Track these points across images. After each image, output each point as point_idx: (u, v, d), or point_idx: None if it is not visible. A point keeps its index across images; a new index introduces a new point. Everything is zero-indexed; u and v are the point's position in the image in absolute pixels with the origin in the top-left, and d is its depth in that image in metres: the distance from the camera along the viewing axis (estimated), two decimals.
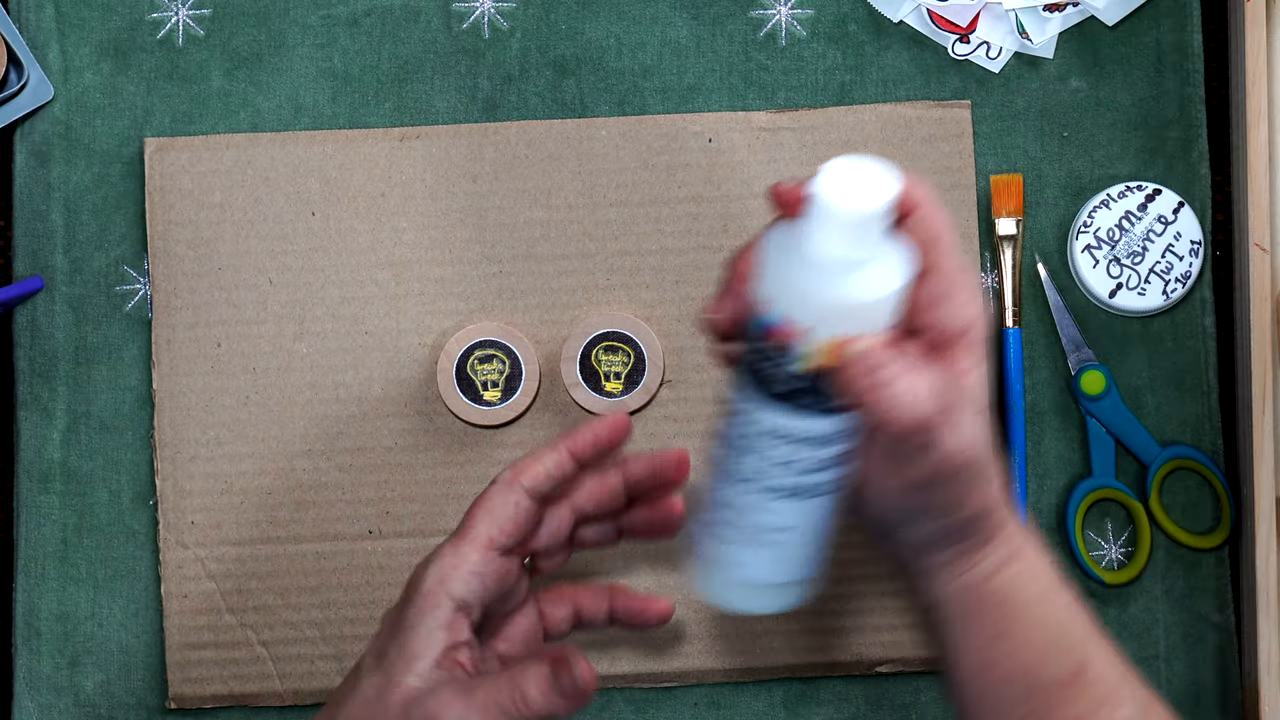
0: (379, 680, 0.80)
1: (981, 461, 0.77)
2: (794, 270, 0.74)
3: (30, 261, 1.00)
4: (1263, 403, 0.95)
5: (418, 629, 0.80)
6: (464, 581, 0.81)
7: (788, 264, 0.74)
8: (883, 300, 0.74)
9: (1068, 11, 1.01)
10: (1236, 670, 0.99)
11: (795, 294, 0.74)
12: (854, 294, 0.73)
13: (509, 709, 0.80)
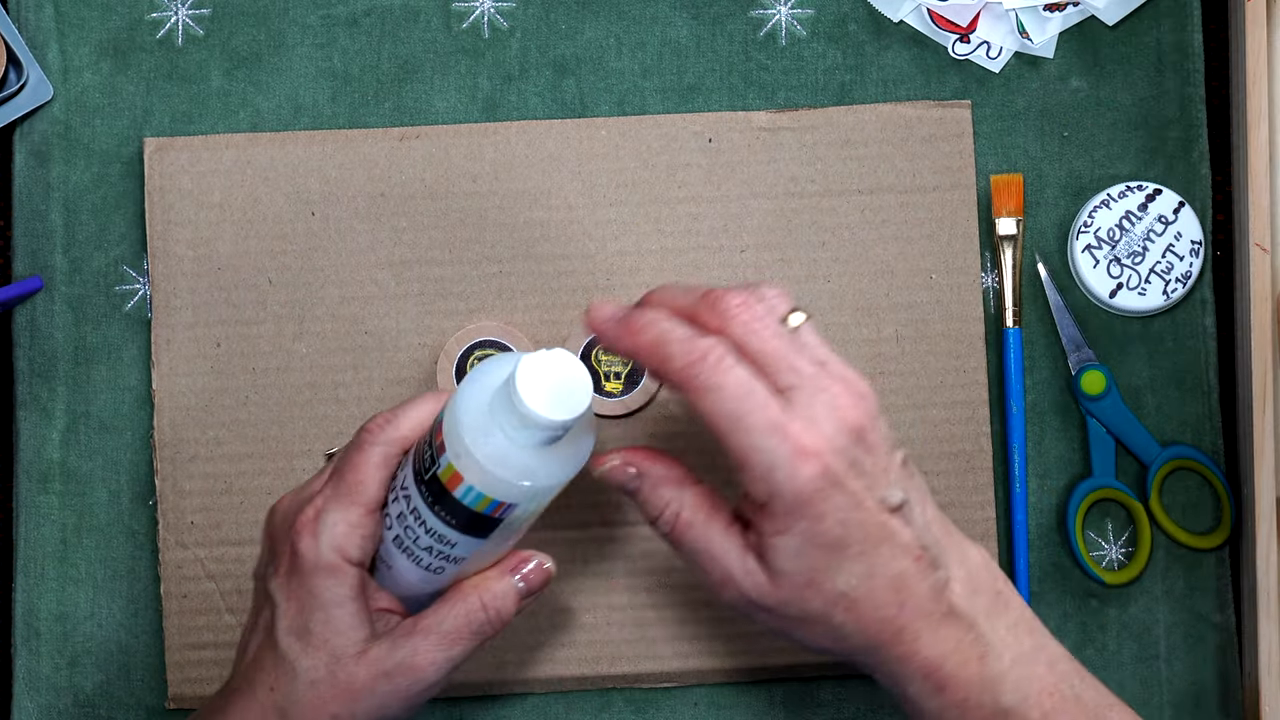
0: (324, 659, 0.80)
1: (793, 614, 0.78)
2: (480, 398, 0.78)
3: (30, 261, 1.00)
4: (1263, 403, 0.95)
5: (334, 603, 0.80)
6: (360, 547, 0.81)
7: (483, 387, 0.78)
8: (508, 482, 0.78)
9: (1068, 11, 1.01)
10: (1237, 670, 0.99)
11: (466, 417, 0.78)
12: (493, 463, 0.78)
13: (485, 628, 0.81)
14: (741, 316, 0.77)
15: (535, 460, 0.78)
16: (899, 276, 0.99)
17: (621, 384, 0.98)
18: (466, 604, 0.82)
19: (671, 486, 0.80)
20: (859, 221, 0.99)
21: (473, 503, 0.79)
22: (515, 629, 0.98)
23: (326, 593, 0.81)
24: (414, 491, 0.81)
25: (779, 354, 0.76)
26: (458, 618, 0.82)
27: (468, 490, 0.79)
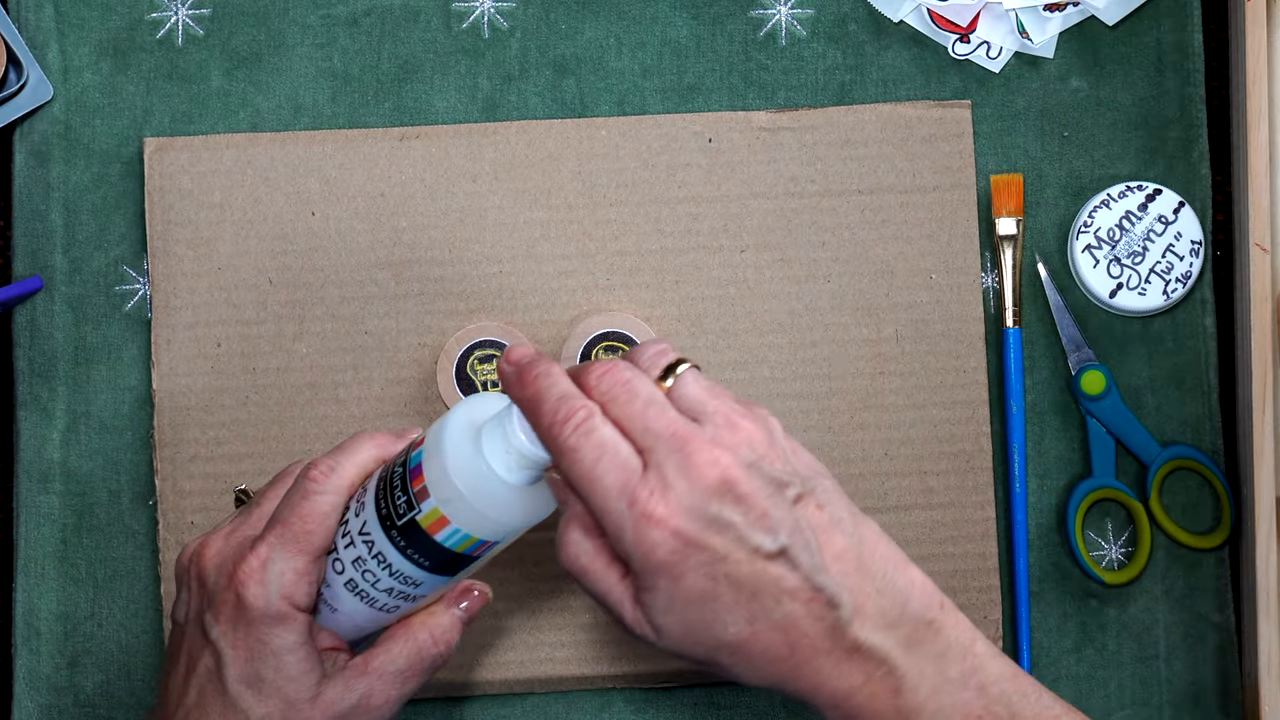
0: (278, 706, 0.80)
1: (687, 659, 0.77)
2: (464, 441, 0.78)
3: (30, 261, 1.00)
4: (1263, 403, 0.95)
5: (286, 650, 0.80)
6: (308, 594, 0.81)
7: (463, 431, 0.78)
8: (502, 523, 0.79)
9: (1068, 11, 1.01)
10: (1236, 670, 0.99)
11: (455, 462, 0.77)
12: (489, 505, 0.78)
13: (434, 656, 0.82)
14: (602, 385, 0.76)
15: (527, 498, 0.78)
16: (899, 276, 0.99)
17: None
18: (417, 641, 0.82)
19: (579, 530, 0.77)
20: (859, 221, 0.99)
21: (455, 544, 0.79)
22: (515, 629, 0.98)
23: (277, 640, 0.80)
24: (379, 537, 0.80)
25: (633, 418, 0.75)
26: (410, 655, 0.82)
27: (453, 533, 0.79)
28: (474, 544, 0.79)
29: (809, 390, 0.99)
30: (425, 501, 0.78)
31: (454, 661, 0.97)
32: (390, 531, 0.80)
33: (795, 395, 0.99)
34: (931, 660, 0.76)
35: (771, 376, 0.99)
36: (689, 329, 0.99)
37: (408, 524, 0.79)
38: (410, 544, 0.79)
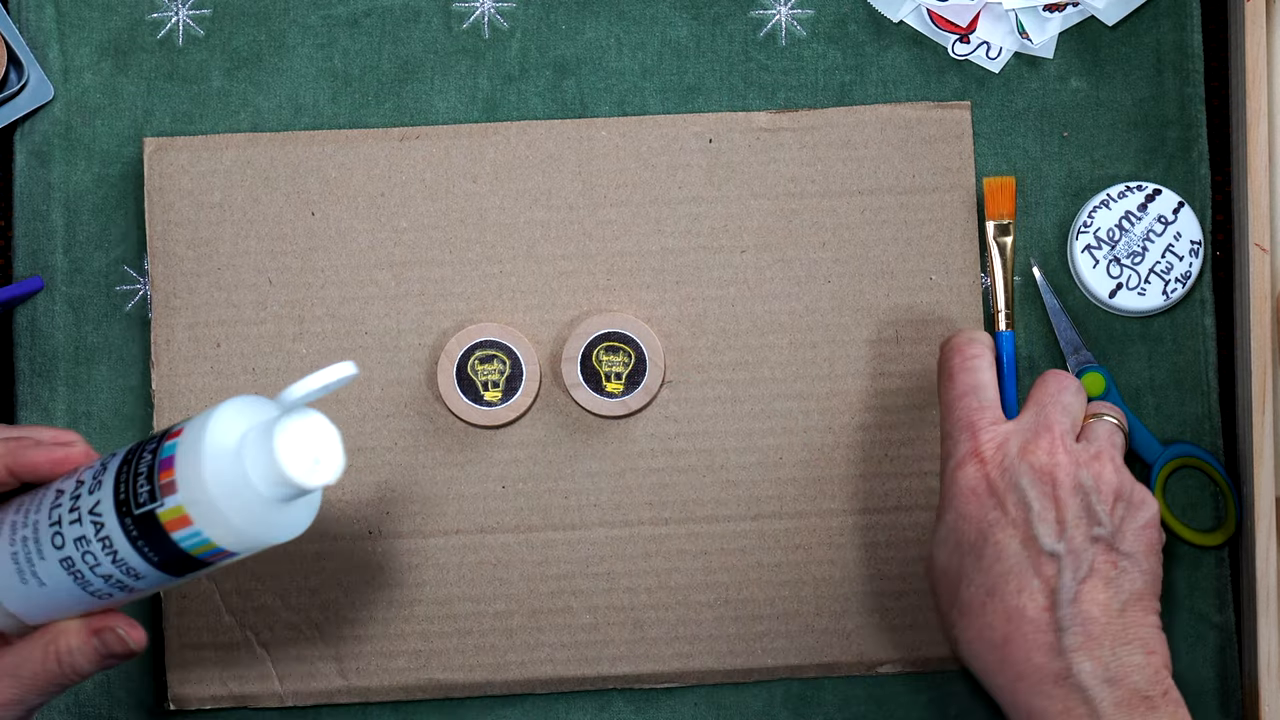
0: None
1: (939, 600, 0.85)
2: (225, 447, 0.75)
3: (30, 261, 1.00)
4: (1263, 403, 0.95)
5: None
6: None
7: (226, 435, 0.75)
8: (250, 536, 0.76)
9: (1068, 11, 1.01)
10: (1236, 670, 0.99)
11: (211, 464, 0.74)
12: (240, 516, 0.75)
13: (59, 678, 0.80)
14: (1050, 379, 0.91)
15: (281, 514, 0.76)
16: (899, 277, 0.99)
17: (622, 385, 0.98)
18: (45, 655, 0.80)
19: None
20: (859, 222, 1.00)
21: (193, 546, 0.76)
22: (516, 629, 0.98)
23: None
24: (110, 521, 0.76)
25: (1042, 393, 0.88)
26: (35, 665, 0.80)
27: (193, 535, 0.75)
28: (212, 550, 0.76)
29: (809, 390, 0.99)
30: (170, 496, 0.75)
31: (455, 663, 0.98)
32: (124, 519, 0.76)
33: (795, 395, 0.99)
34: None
35: (771, 377, 0.99)
36: (689, 329, 0.99)
37: (145, 515, 0.76)
38: (143, 536, 0.76)
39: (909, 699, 0.99)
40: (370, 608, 0.98)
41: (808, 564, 0.98)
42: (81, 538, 0.77)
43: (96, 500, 0.77)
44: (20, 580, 0.79)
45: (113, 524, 0.76)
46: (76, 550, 0.77)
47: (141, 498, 0.76)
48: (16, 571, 0.79)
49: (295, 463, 0.74)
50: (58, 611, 0.80)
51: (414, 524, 0.98)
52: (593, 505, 0.98)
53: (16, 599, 0.80)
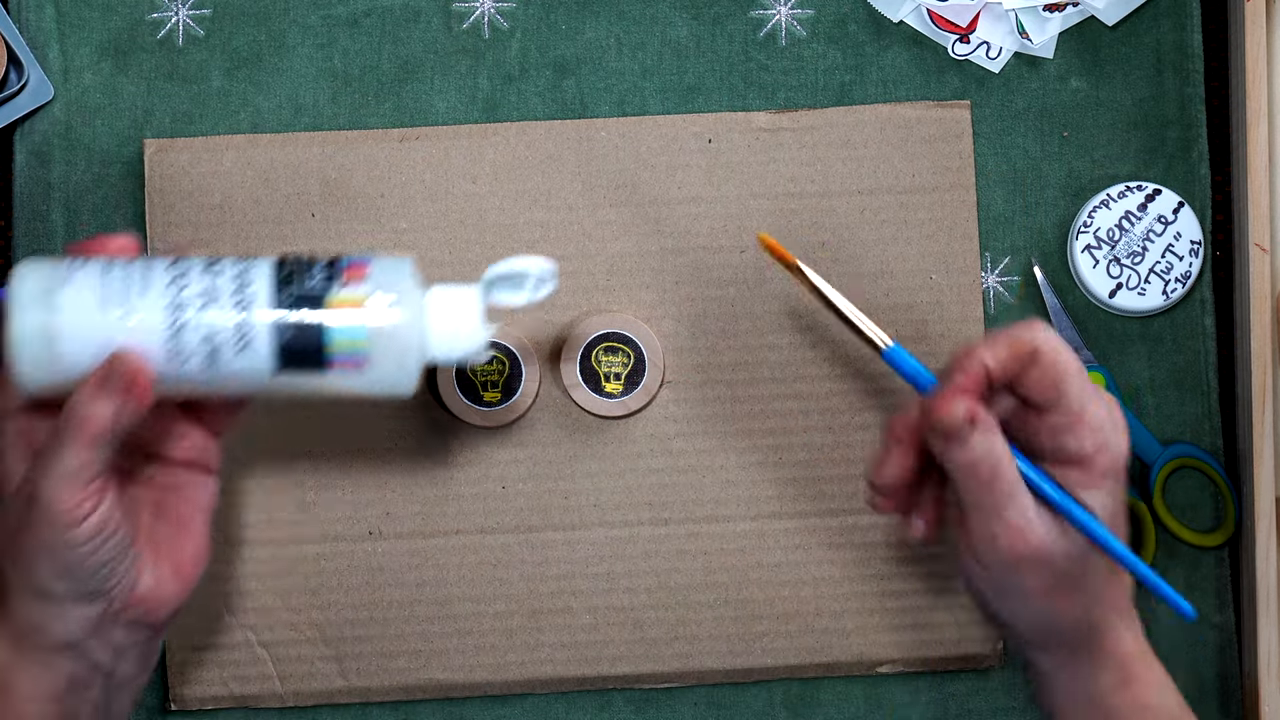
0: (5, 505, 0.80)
1: (1060, 566, 0.81)
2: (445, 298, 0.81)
3: None
4: (1262, 402, 0.95)
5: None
6: (6, 395, 0.80)
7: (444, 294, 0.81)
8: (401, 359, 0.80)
9: (1068, 11, 1.01)
10: (1237, 670, 0.99)
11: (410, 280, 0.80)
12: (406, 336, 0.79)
13: (77, 434, 0.78)
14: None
15: (409, 369, 0.80)
16: (899, 277, 0.99)
17: (622, 385, 0.98)
18: (65, 415, 0.78)
19: (995, 434, 0.81)
20: (859, 221, 1.00)
21: (342, 336, 0.78)
22: (516, 629, 0.98)
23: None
24: (262, 284, 0.78)
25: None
26: (52, 429, 0.79)
27: (353, 329, 0.79)
28: (351, 350, 0.79)
29: (809, 390, 0.99)
30: (355, 284, 0.79)
31: (455, 663, 0.98)
32: (284, 290, 0.79)
33: (795, 395, 0.99)
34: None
35: (771, 377, 0.99)
36: (689, 329, 0.99)
37: (308, 296, 0.78)
38: (296, 306, 0.78)
39: (908, 699, 0.99)
40: (370, 608, 0.98)
41: (808, 564, 0.99)
42: (208, 290, 0.79)
43: (244, 266, 0.79)
44: (104, 312, 0.78)
45: (263, 289, 0.79)
46: (199, 301, 0.78)
47: (316, 275, 0.79)
48: (104, 304, 0.78)
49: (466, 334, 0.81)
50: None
51: (414, 524, 0.98)
52: (592, 505, 0.98)
53: (102, 343, 0.79)
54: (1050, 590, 0.82)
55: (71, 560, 0.79)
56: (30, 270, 0.79)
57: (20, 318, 0.78)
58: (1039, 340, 0.81)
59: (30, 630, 0.81)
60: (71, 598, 0.80)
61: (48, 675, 0.81)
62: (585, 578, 0.98)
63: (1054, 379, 0.81)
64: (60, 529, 0.78)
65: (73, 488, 0.78)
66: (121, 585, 0.81)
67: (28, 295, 0.78)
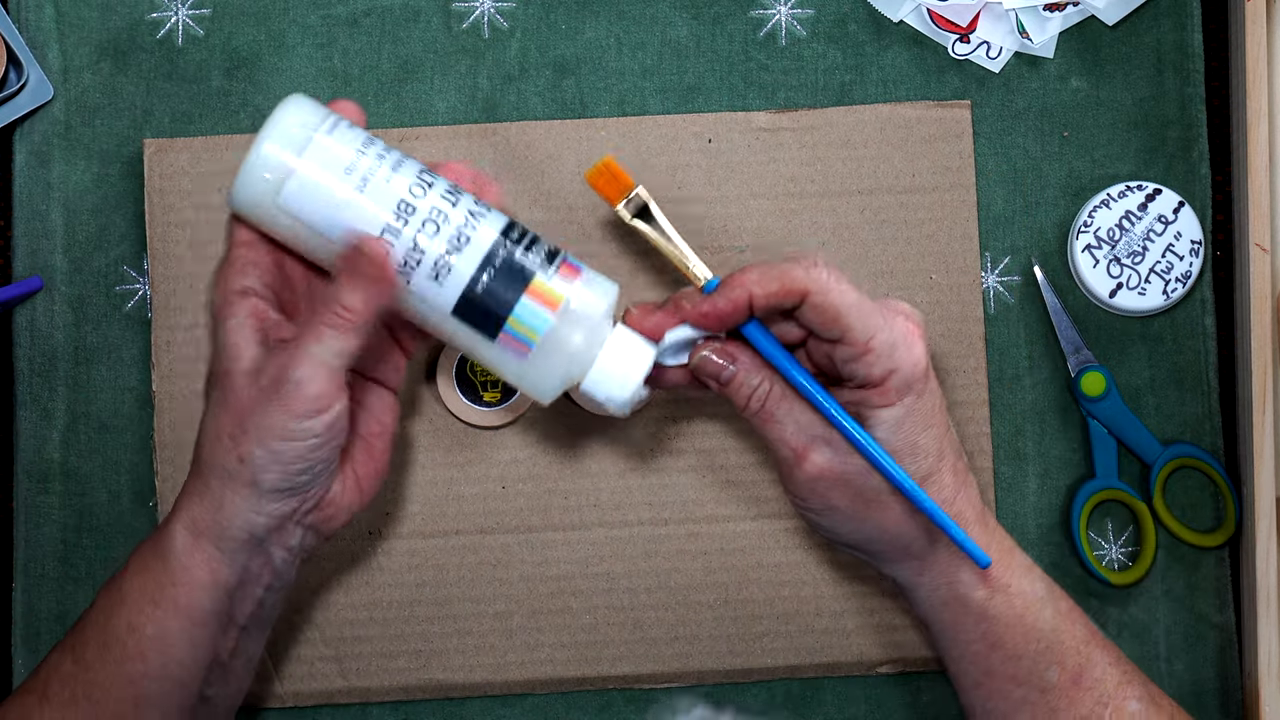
0: (219, 385, 0.82)
1: (857, 483, 0.85)
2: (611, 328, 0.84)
3: (30, 261, 1.00)
4: (1263, 402, 0.95)
5: (224, 330, 0.82)
6: (240, 274, 0.82)
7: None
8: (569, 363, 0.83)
9: (1068, 11, 1.01)
10: (1237, 670, 0.99)
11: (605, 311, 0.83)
12: (581, 349, 0.83)
13: (337, 322, 0.80)
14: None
15: (557, 383, 0.84)
16: (899, 276, 0.99)
17: None
18: (316, 304, 0.81)
19: (761, 369, 0.85)
20: (859, 221, 0.99)
21: (521, 318, 0.81)
22: (516, 629, 0.98)
23: (221, 326, 0.82)
24: (485, 233, 0.81)
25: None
26: (310, 317, 0.81)
27: (539, 316, 0.81)
28: (523, 335, 0.81)
29: None
30: (563, 280, 0.82)
31: (455, 663, 0.98)
32: (505, 243, 0.81)
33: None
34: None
35: None
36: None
37: (520, 268, 0.81)
38: (502, 269, 0.81)
39: (909, 699, 0.99)
40: (370, 608, 0.98)
41: (807, 564, 0.98)
42: (440, 212, 0.81)
43: (481, 212, 0.82)
44: (346, 174, 0.81)
45: (483, 238, 0.81)
46: (428, 213, 0.81)
47: (532, 255, 0.82)
48: (350, 169, 0.81)
49: (629, 387, 0.84)
50: (347, 231, 0.81)
51: (414, 524, 0.98)
52: (592, 505, 0.98)
53: (325, 198, 0.81)
54: (859, 505, 0.86)
55: (300, 451, 0.81)
56: (297, 107, 0.81)
57: (268, 146, 0.80)
58: (808, 281, 0.83)
59: (218, 519, 0.83)
60: (276, 490, 0.82)
61: (225, 567, 0.83)
62: (585, 578, 0.98)
63: (831, 317, 0.83)
64: (303, 416, 0.80)
65: (326, 375, 0.80)
66: (320, 486, 0.83)
67: (284, 128, 0.80)
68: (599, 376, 0.83)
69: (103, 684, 0.85)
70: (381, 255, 0.80)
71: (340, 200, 0.80)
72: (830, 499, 0.86)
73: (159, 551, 0.84)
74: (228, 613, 0.85)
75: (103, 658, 0.85)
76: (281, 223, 0.81)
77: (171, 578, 0.83)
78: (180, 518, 0.83)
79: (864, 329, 0.83)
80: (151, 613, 0.84)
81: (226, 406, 0.81)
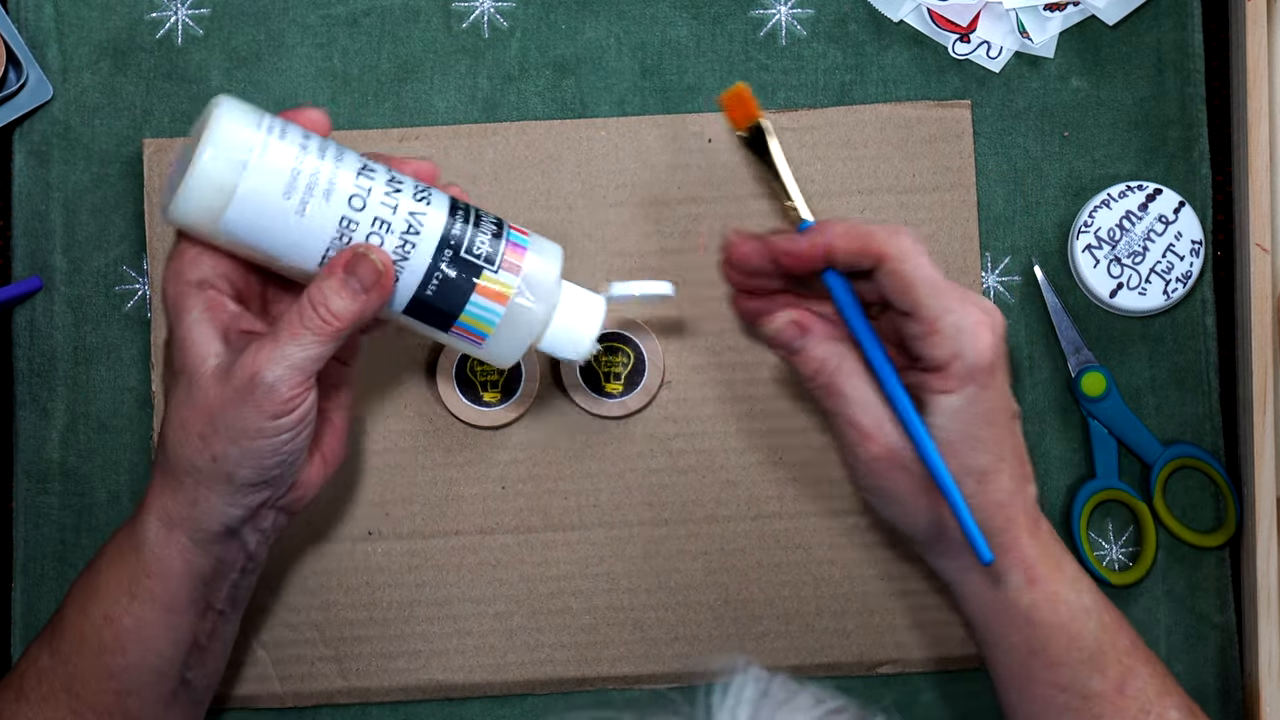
0: (184, 384, 0.81)
1: (918, 469, 0.84)
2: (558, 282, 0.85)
3: (29, 261, 1.00)
4: (1263, 403, 0.95)
5: (186, 326, 0.81)
6: (194, 265, 0.81)
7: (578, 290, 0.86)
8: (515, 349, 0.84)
9: (1068, 11, 1.00)
10: (1237, 670, 0.99)
11: (552, 282, 0.83)
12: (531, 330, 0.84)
13: (320, 328, 0.80)
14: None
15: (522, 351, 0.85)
16: None
17: (622, 385, 0.98)
18: (298, 304, 0.80)
19: (832, 342, 0.86)
20: None
21: (474, 315, 0.82)
22: (516, 630, 0.98)
23: (174, 322, 0.81)
24: (429, 237, 0.81)
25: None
26: (290, 315, 0.80)
27: (489, 310, 0.82)
28: (474, 331, 0.83)
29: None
30: (507, 273, 0.82)
31: (455, 663, 0.98)
32: (444, 249, 0.81)
33: (796, 396, 0.99)
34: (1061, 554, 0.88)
35: (772, 377, 0.99)
36: (689, 329, 0.99)
37: (469, 264, 0.82)
38: (451, 268, 0.81)
39: (909, 699, 0.99)
40: (370, 608, 0.98)
41: (808, 564, 0.98)
42: (382, 221, 0.81)
43: (422, 210, 0.81)
44: (284, 198, 0.80)
45: (428, 241, 0.81)
46: (371, 225, 0.81)
47: (477, 249, 0.82)
48: (288, 191, 0.80)
49: (586, 340, 0.85)
50: (296, 253, 0.81)
51: (414, 524, 0.98)
52: (592, 506, 0.98)
53: (267, 224, 0.80)
54: (917, 491, 0.85)
55: (274, 445, 0.81)
56: (230, 115, 0.80)
57: (210, 163, 0.79)
58: (888, 246, 0.84)
59: (193, 514, 0.83)
60: (250, 484, 0.82)
61: (199, 557, 0.84)
62: (585, 578, 0.98)
63: (904, 286, 0.84)
64: (276, 416, 0.80)
65: (301, 378, 0.80)
66: (293, 474, 0.84)
67: (224, 142, 0.79)
68: (557, 337, 0.85)
69: (82, 676, 0.85)
70: (388, 266, 0.81)
71: (282, 225, 0.80)
72: (889, 482, 0.85)
73: (133, 544, 0.84)
74: (204, 600, 0.85)
75: (80, 650, 0.85)
76: (224, 241, 0.81)
77: (146, 569, 0.83)
78: (152, 510, 0.83)
79: (934, 306, 0.83)
80: (128, 605, 0.84)
81: (194, 405, 0.81)
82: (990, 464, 0.84)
